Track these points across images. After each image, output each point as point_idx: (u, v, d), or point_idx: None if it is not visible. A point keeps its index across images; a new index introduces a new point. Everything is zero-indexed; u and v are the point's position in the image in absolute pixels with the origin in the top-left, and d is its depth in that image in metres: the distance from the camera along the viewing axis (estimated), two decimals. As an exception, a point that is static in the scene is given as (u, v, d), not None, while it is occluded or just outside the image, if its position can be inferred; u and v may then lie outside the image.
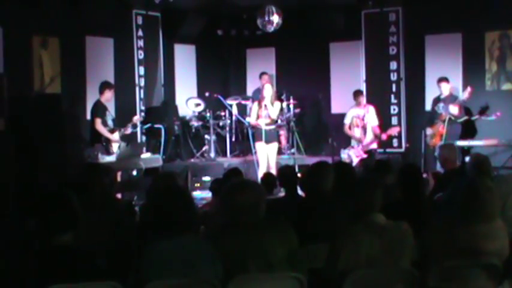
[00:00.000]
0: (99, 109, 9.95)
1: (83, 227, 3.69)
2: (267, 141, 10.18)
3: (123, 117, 10.63)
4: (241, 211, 3.83)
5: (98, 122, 9.85)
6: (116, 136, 10.01)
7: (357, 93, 11.07)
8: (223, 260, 3.71)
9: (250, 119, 10.56)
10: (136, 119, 10.72)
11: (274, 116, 10.24)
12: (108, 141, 9.89)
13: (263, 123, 10.16)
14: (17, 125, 8.42)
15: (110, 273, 3.61)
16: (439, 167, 9.28)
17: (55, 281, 3.34)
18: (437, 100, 10.82)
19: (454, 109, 10.32)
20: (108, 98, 10.14)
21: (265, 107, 10.16)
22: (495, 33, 11.13)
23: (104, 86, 10.08)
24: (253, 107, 10.54)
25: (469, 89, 10.25)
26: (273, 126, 10.33)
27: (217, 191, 6.01)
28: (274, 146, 10.38)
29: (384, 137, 10.72)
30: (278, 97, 11.76)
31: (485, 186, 4.00)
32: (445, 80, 10.68)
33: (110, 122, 10.02)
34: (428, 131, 10.70)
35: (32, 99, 9.45)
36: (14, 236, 4.40)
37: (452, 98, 10.65)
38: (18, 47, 9.71)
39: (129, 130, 10.43)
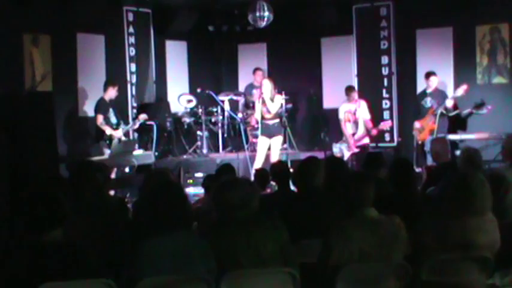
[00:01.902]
0: (101, 106, 10.27)
1: (72, 224, 3.68)
2: (269, 135, 10.22)
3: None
4: (231, 208, 3.84)
5: (99, 119, 10.16)
6: (118, 133, 10.32)
7: (349, 89, 11.06)
8: (216, 256, 3.72)
9: (256, 116, 10.56)
10: (143, 117, 10.83)
11: (273, 111, 10.24)
12: (110, 138, 10.14)
13: (266, 120, 10.19)
14: (8, 123, 8.38)
15: (102, 270, 3.61)
16: (429, 161, 9.34)
17: (46, 279, 3.33)
18: (423, 94, 10.84)
19: (450, 102, 10.33)
20: (112, 96, 10.46)
21: (263, 101, 10.18)
22: (486, 27, 11.14)
23: (107, 84, 10.48)
24: (256, 105, 10.55)
25: (465, 86, 10.27)
26: (277, 120, 10.34)
27: (210, 187, 6.00)
28: (278, 139, 10.39)
29: (374, 132, 10.74)
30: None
31: (476, 180, 4.02)
32: (434, 74, 10.71)
33: (113, 119, 10.27)
34: (416, 124, 10.70)
35: (23, 97, 9.42)
36: (5, 235, 4.40)
37: (438, 92, 10.67)
38: (9, 45, 9.68)
39: (134, 127, 10.88)
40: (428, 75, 10.73)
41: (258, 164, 10.14)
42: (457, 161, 6.38)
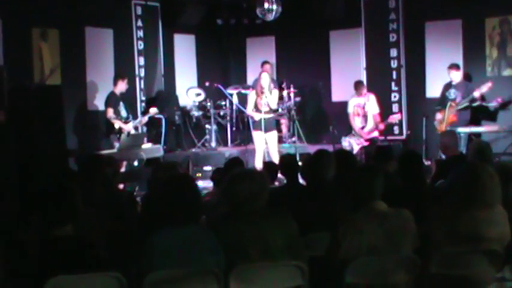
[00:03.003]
0: (111, 99, 10.33)
1: (83, 218, 3.69)
2: (266, 130, 10.14)
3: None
4: (241, 200, 3.83)
5: (109, 112, 10.22)
6: (129, 126, 10.34)
7: (358, 84, 11.03)
8: (225, 249, 3.72)
9: (248, 109, 10.50)
10: (153, 111, 10.87)
11: (273, 104, 10.20)
12: (120, 132, 10.19)
13: (262, 113, 10.11)
14: (17, 117, 8.41)
15: (112, 264, 3.62)
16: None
17: (57, 273, 3.34)
18: (448, 86, 10.73)
19: (477, 93, 10.23)
20: (122, 89, 10.52)
21: (265, 96, 10.10)
22: (495, 19, 11.05)
23: (116, 77, 10.55)
24: (250, 96, 10.48)
25: (489, 84, 10.17)
26: (271, 115, 10.28)
27: (219, 180, 6.01)
28: (274, 134, 10.33)
29: (381, 126, 10.73)
30: (279, 85, 11.75)
31: (486, 172, 4.01)
32: (455, 67, 10.59)
33: (123, 113, 10.34)
34: (438, 116, 10.62)
35: (32, 91, 9.45)
36: (15, 228, 4.42)
37: (463, 84, 10.57)
38: (18, 39, 9.70)
39: (145, 120, 10.91)
40: (450, 68, 10.61)
41: (259, 160, 10.10)
42: (468, 154, 6.36)
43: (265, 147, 10.24)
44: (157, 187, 4.54)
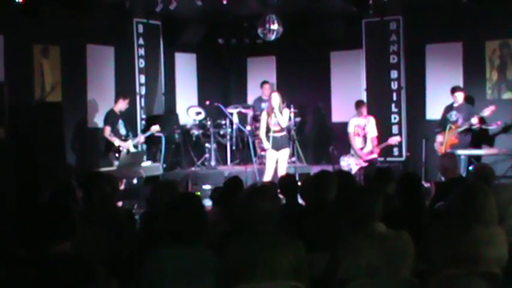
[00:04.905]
0: (110, 118, 10.40)
1: (81, 235, 3.68)
2: (278, 148, 10.18)
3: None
4: (257, 218, 3.81)
5: (107, 130, 10.29)
6: (128, 144, 10.36)
7: (359, 104, 11.07)
8: (229, 268, 3.69)
9: (260, 131, 10.52)
10: (155, 128, 10.87)
11: (284, 124, 10.23)
12: (118, 150, 10.19)
13: (272, 132, 10.14)
14: (18, 133, 8.41)
15: (110, 281, 3.60)
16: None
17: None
18: (449, 108, 10.74)
19: (475, 120, 10.25)
20: (121, 108, 10.57)
21: (275, 115, 10.12)
22: (495, 42, 11.12)
23: (118, 96, 10.67)
24: (262, 118, 10.51)
25: (492, 107, 10.19)
26: (284, 133, 10.31)
27: (218, 199, 6.00)
28: (286, 152, 10.37)
29: (376, 150, 10.76)
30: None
31: (481, 189, 4.02)
32: (459, 90, 10.61)
33: (122, 131, 10.33)
34: (439, 138, 10.62)
35: (33, 107, 9.46)
36: (13, 245, 4.39)
37: (465, 107, 10.58)
38: (19, 55, 9.74)
39: (143, 138, 10.94)
40: (454, 90, 10.63)
41: (268, 177, 10.13)
42: (469, 176, 6.36)
43: (276, 166, 10.26)
44: (162, 205, 4.52)
